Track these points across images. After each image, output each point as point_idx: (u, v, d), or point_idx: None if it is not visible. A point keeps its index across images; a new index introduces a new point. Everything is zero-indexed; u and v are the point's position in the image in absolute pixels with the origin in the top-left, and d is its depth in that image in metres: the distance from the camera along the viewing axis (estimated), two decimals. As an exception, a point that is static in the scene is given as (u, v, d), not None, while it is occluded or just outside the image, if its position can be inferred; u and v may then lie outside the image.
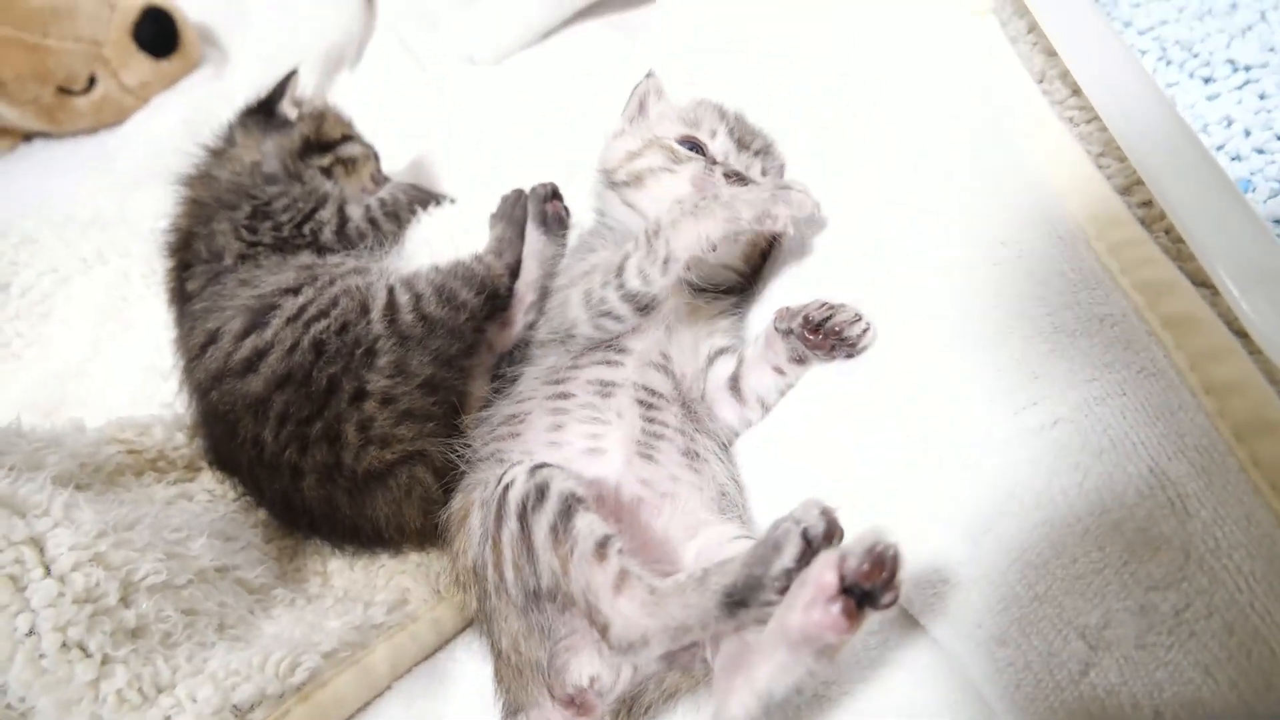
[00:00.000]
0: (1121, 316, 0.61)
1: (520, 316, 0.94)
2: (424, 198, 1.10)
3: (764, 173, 0.84)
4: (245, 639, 0.74)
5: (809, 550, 0.54)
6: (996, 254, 0.66)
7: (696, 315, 0.83)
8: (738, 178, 0.80)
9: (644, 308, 0.77)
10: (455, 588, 0.73)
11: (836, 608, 0.50)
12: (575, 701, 0.62)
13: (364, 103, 1.37)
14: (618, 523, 0.67)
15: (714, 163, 0.82)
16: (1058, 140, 0.71)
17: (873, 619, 0.51)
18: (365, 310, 0.84)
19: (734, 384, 0.79)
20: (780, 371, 0.76)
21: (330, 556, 0.87)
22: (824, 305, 0.69)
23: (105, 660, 0.65)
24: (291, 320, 0.84)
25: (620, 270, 0.77)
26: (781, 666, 0.53)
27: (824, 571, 0.51)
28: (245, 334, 0.84)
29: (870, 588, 0.50)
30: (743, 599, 0.55)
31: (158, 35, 1.50)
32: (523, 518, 0.63)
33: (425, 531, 0.82)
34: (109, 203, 1.23)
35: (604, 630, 0.59)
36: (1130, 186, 0.68)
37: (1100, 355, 0.60)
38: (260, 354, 0.82)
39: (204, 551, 0.76)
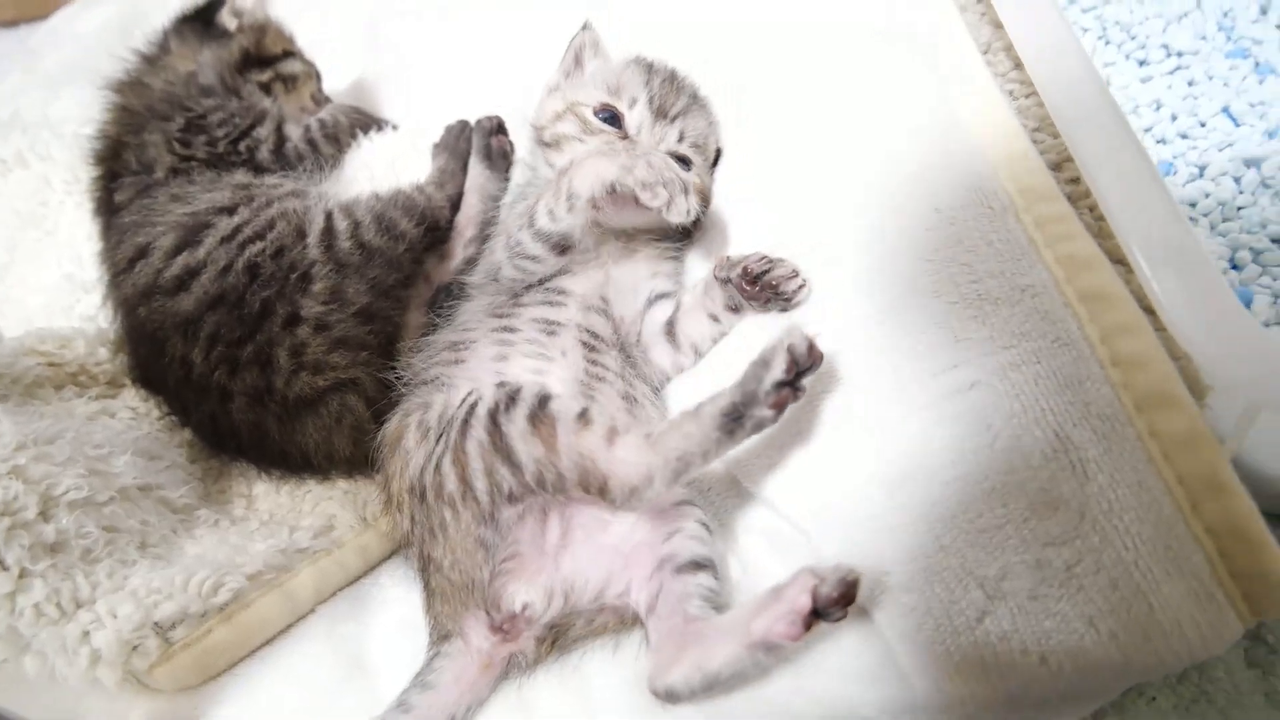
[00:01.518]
0: (1042, 288, 0.63)
1: (460, 250, 0.94)
2: (365, 121, 1.07)
3: (682, 137, 0.84)
4: (168, 558, 0.74)
5: (794, 365, 0.60)
6: (929, 219, 0.68)
7: (635, 258, 0.84)
8: None
9: (558, 246, 0.78)
10: (387, 510, 0.74)
11: (801, 623, 0.57)
12: (504, 627, 0.64)
13: (308, 12, 1.32)
14: None
15: (624, 137, 0.83)
16: (997, 112, 0.73)
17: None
18: (302, 235, 0.83)
19: (669, 329, 0.81)
20: (715, 319, 0.78)
21: (256, 480, 0.86)
22: (763, 258, 0.71)
23: (23, 574, 0.65)
24: (225, 240, 0.82)
25: (532, 211, 0.78)
26: (735, 657, 0.59)
27: (799, 595, 0.58)
28: (177, 251, 0.82)
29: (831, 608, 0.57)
30: (739, 414, 0.61)
31: (86, -75, 1.42)
32: (495, 421, 0.66)
33: (354, 460, 0.82)
34: (31, 103, 1.17)
35: (603, 487, 0.63)
36: (1061, 163, 0.70)
37: (1020, 324, 0.62)
38: (192, 273, 0.81)
39: (127, 469, 0.75)
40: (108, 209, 0.93)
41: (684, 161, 0.84)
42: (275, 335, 0.79)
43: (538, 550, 0.67)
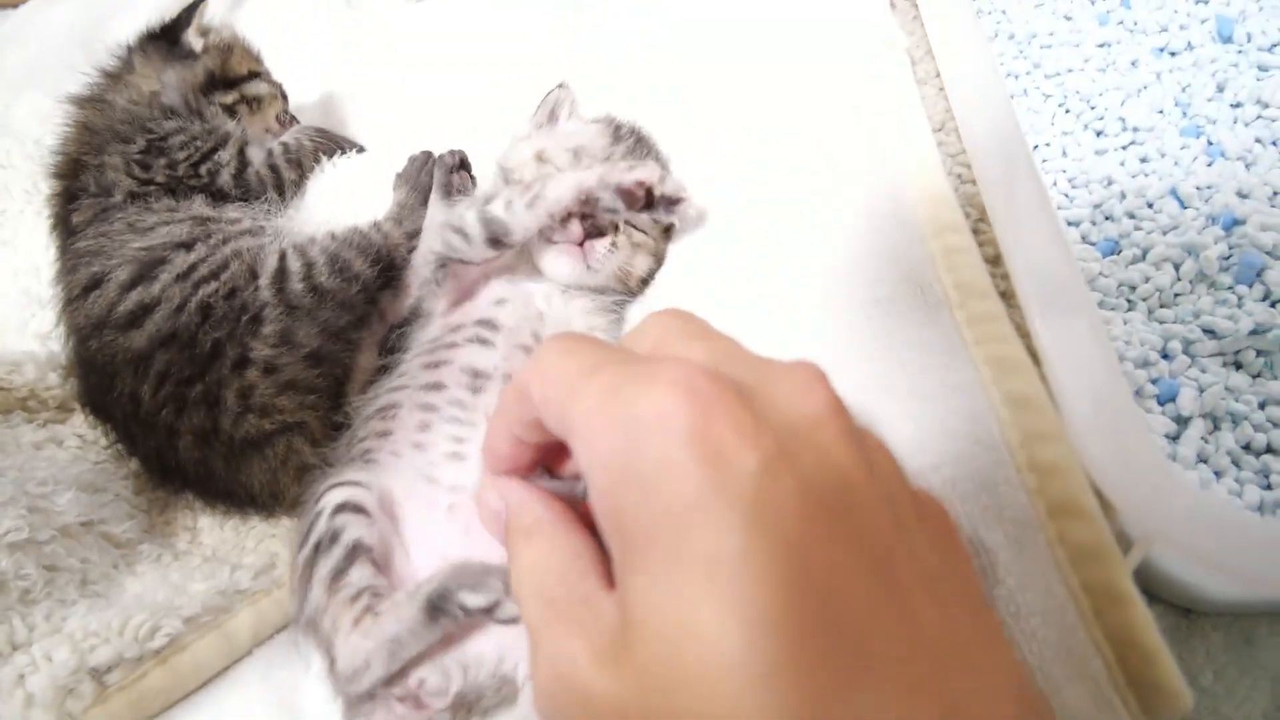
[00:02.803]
0: (969, 387, 0.65)
1: (415, 287, 0.95)
2: (329, 145, 1.07)
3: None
4: (107, 596, 0.75)
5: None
6: (870, 312, 0.70)
7: (571, 303, 0.85)
8: (592, 226, 0.84)
9: (495, 238, 0.80)
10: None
11: None
12: (408, 701, 0.66)
13: (277, 23, 1.32)
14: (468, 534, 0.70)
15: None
16: (941, 198, 0.74)
17: None
18: (254, 275, 0.83)
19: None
20: None
21: (201, 513, 0.87)
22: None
23: (-41, 617, 0.66)
24: (180, 278, 0.82)
25: (490, 198, 0.80)
26: None
27: None
28: (131, 285, 0.82)
29: None
30: (439, 607, 0.62)
31: (57, -84, 1.40)
32: (314, 561, 0.69)
33: (300, 500, 0.83)
34: (-9, 106, 1.16)
35: (332, 665, 0.65)
36: (997, 257, 0.72)
37: (944, 423, 0.65)
38: (145, 309, 0.81)
39: (70, 506, 0.76)
40: (64, 228, 0.93)
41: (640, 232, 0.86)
42: (224, 377, 0.80)
43: None
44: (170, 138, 0.95)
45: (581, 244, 0.83)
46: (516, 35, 1.25)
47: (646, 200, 0.79)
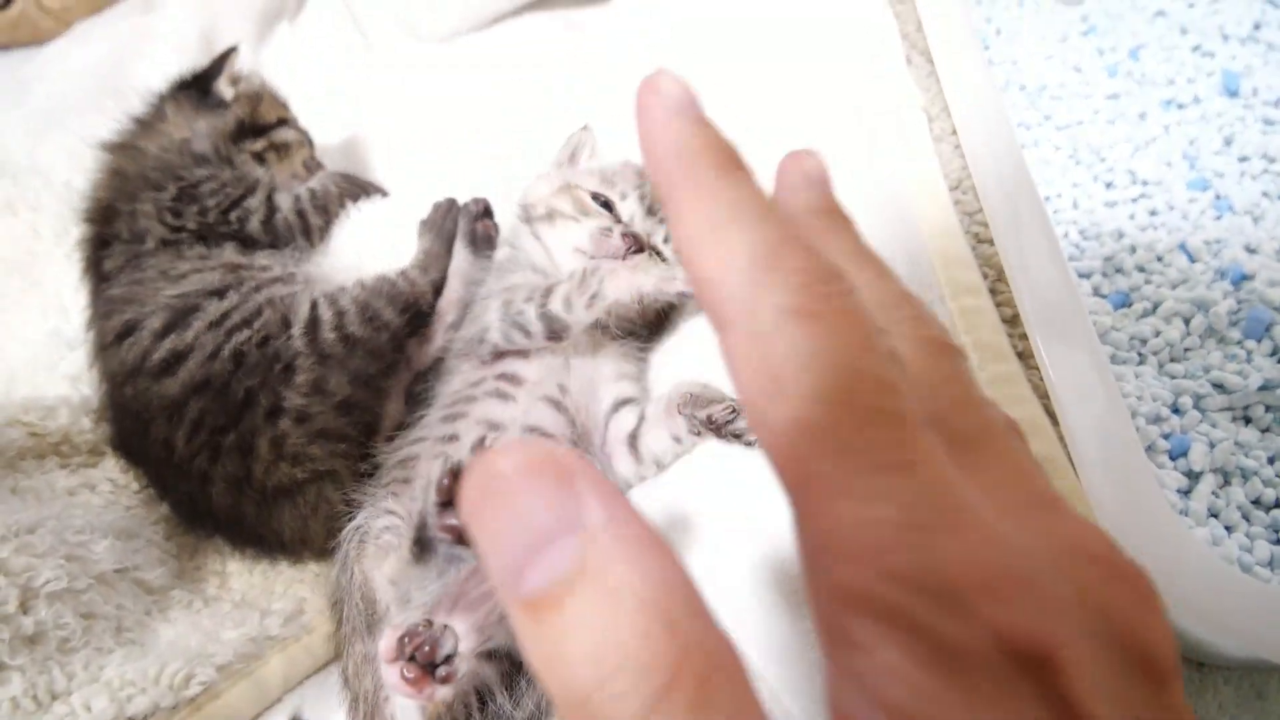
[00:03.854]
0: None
1: (440, 334, 0.97)
2: (355, 190, 1.09)
3: (667, 239, 0.88)
4: (142, 644, 0.77)
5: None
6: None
7: (599, 353, 0.87)
8: (634, 239, 0.86)
9: (555, 333, 0.82)
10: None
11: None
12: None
13: (300, 64, 1.34)
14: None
15: (618, 222, 0.87)
16: (958, 259, 0.76)
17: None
18: (287, 324, 0.85)
19: (633, 440, 0.83)
20: (678, 439, 0.80)
21: (230, 557, 0.89)
22: (728, 408, 0.74)
23: (1, 668, 0.67)
24: (214, 326, 0.84)
25: (548, 292, 0.81)
26: None
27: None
28: (165, 333, 0.84)
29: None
30: (420, 540, 0.62)
31: (84, -43, 1.42)
32: (349, 542, 0.72)
33: (328, 547, 0.85)
34: (19, 146, 1.17)
35: (374, 603, 0.67)
36: (1015, 318, 0.74)
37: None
38: (179, 356, 0.83)
39: (106, 554, 0.78)
40: (96, 273, 0.95)
41: (661, 259, 0.88)
42: (258, 425, 0.81)
43: None
44: (201, 185, 0.97)
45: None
46: (531, 73, 1.27)
47: None
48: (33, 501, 0.80)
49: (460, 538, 0.55)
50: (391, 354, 0.90)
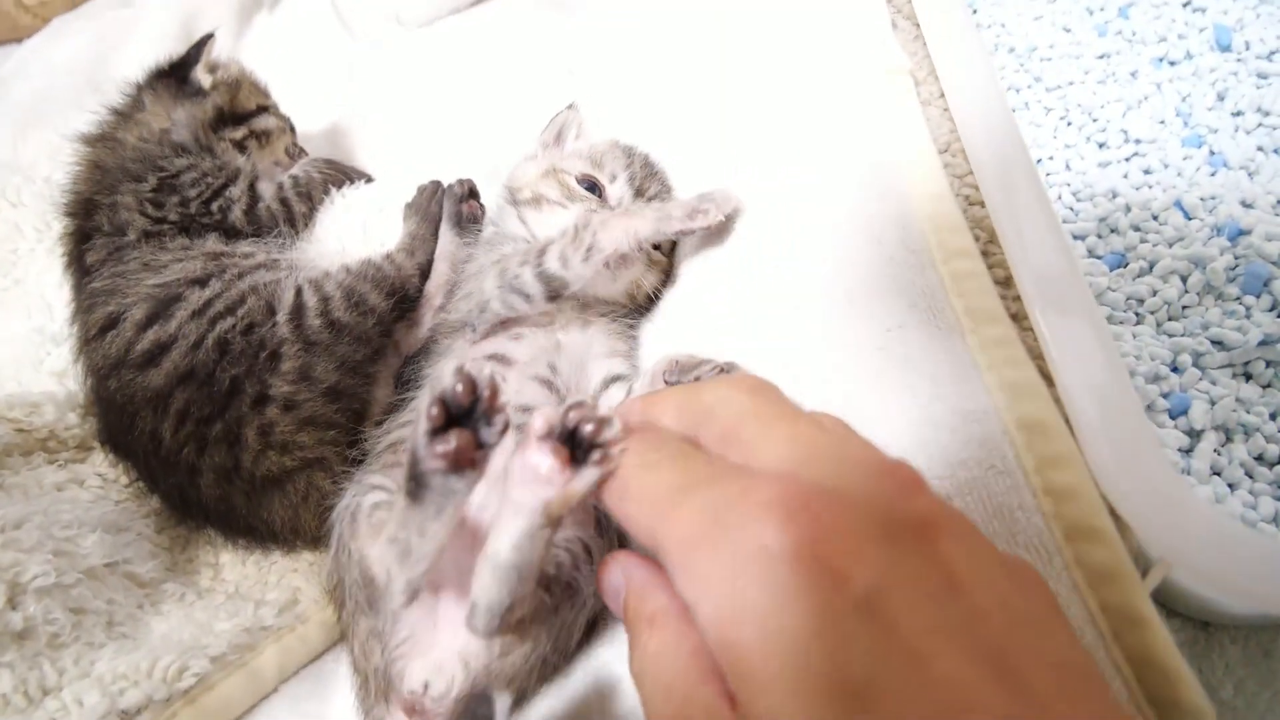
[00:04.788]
0: (983, 414, 0.66)
1: (428, 317, 0.95)
2: (338, 176, 1.08)
3: None
4: (134, 637, 0.76)
5: (448, 417, 0.51)
6: (880, 340, 0.71)
7: (590, 330, 0.86)
8: None
9: (555, 292, 0.81)
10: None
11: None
12: (414, 708, 0.66)
13: (281, 52, 1.33)
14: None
15: (605, 205, 0.85)
16: (949, 223, 0.75)
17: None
18: (271, 311, 0.84)
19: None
20: None
21: (223, 549, 0.88)
22: (716, 368, 0.73)
23: (-10, 665, 0.67)
24: (196, 315, 0.83)
25: (542, 251, 0.80)
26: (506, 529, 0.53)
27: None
28: (148, 324, 0.83)
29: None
30: (416, 475, 0.54)
31: (61, -49, 1.41)
32: (340, 523, 0.69)
33: (320, 535, 0.84)
34: (0, 143, 1.16)
35: (370, 582, 0.64)
36: (1007, 279, 0.73)
37: (959, 451, 0.65)
38: (163, 347, 0.82)
39: (94, 548, 0.77)
40: (79, 267, 0.94)
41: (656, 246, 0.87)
42: (244, 414, 0.80)
43: (429, 628, 0.68)
44: (182, 175, 0.95)
45: None
46: (515, 53, 1.26)
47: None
48: (20, 497, 0.79)
49: (454, 464, 0.52)
50: (379, 339, 0.89)
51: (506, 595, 0.57)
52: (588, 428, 0.46)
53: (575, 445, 0.47)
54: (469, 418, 0.52)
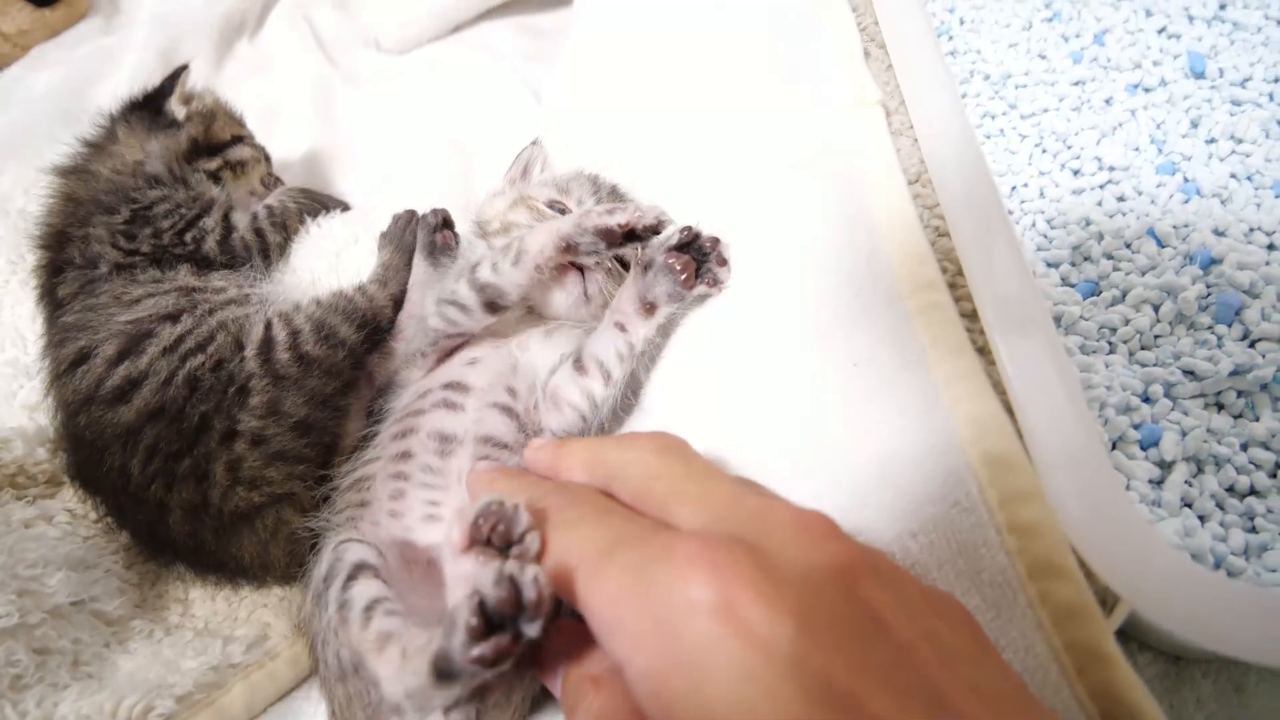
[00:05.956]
0: (948, 449, 0.66)
1: (402, 348, 0.95)
2: (314, 206, 1.08)
3: None
4: (100, 677, 0.75)
5: (486, 624, 0.49)
6: (847, 373, 0.70)
7: (546, 348, 0.85)
8: None
9: (492, 302, 0.80)
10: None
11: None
12: None
13: (261, 79, 1.33)
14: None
15: None
16: (917, 254, 0.75)
17: None
18: (240, 346, 0.84)
19: (577, 362, 0.79)
20: (622, 327, 0.76)
21: (192, 584, 0.88)
22: (688, 228, 0.74)
23: (-50, 709, 0.66)
24: (167, 351, 0.83)
25: (476, 265, 0.81)
26: None
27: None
28: (118, 360, 0.83)
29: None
30: (446, 672, 0.52)
31: (41, -18, 1.41)
32: (324, 596, 0.67)
33: (289, 570, 0.83)
34: (-26, 174, 1.17)
35: (377, 687, 0.61)
36: (974, 311, 0.73)
37: (924, 487, 0.65)
38: (133, 383, 0.82)
39: (60, 587, 0.76)
40: (51, 300, 0.94)
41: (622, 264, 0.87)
42: (212, 450, 0.80)
43: None
44: (155, 206, 0.95)
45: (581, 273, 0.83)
46: (490, 82, 1.26)
47: (626, 236, 0.78)
48: (-16, 536, 0.78)
49: (492, 665, 0.48)
50: (350, 371, 0.88)
51: None
52: (500, 528, 0.46)
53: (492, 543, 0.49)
54: (513, 621, 0.48)
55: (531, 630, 0.47)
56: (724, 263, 0.75)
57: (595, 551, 0.39)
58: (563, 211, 0.89)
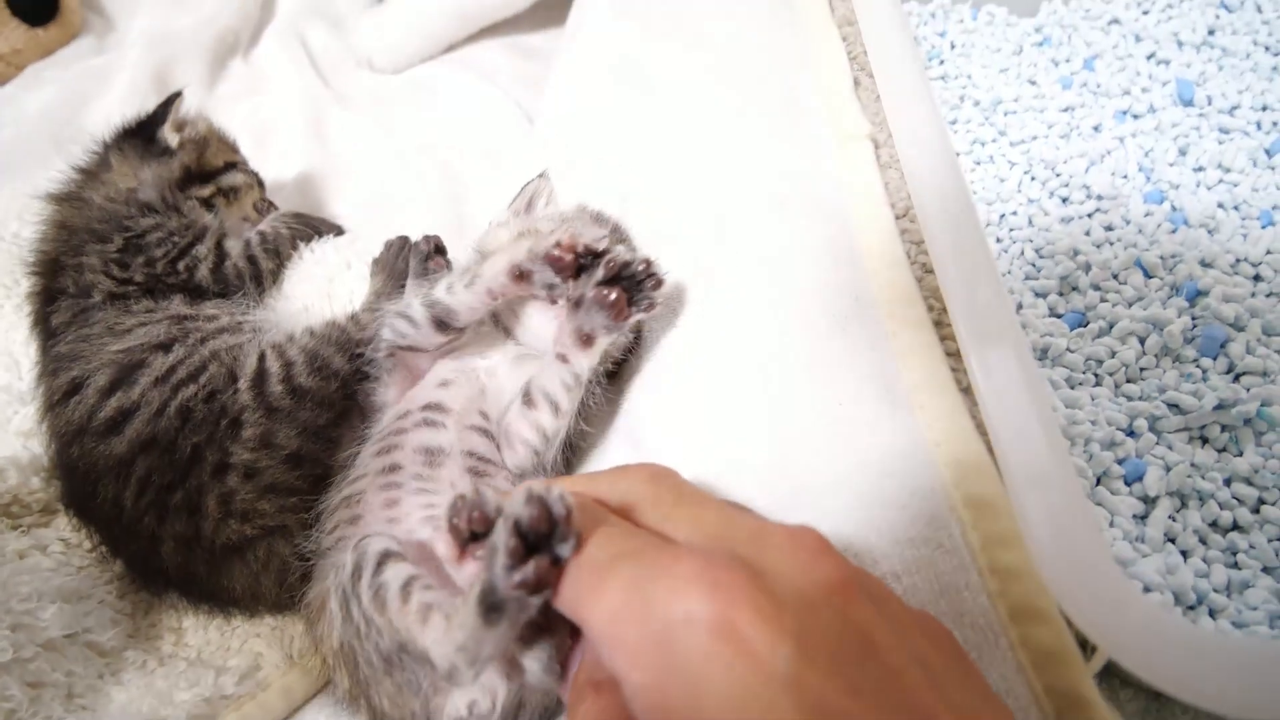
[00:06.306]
0: (931, 491, 0.66)
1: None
2: (307, 231, 1.08)
3: None
4: (94, 709, 0.76)
5: (523, 544, 0.50)
6: (834, 413, 0.71)
7: (516, 374, 0.85)
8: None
9: (440, 320, 0.81)
10: (327, 670, 0.75)
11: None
12: None
13: (253, 98, 1.33)
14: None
15: None
16: (903, 294, 0.76)
17: None
18: (233, 378, 0.84)
19: (526, 397, 0.79)
20: (564, 359, 0.76)
21: (185, 613, 0.88)
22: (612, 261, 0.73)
23: (-57, 746, 0.67)
24: (159, 382, 0.83)
25: (434, 284, 0.82)
26: None
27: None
28: (110, 391, 0.83)
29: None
30: (494, 604, 0.53)
31: (35, 2, 1.41)
32: (356, 589, 0.66)
33: (281, 600, 0.84)
34: (-32, 200, 1.17)
35: (430, 664, 0.61)
36: (958, 352, 0.73)
37: (908, 529, 0.66)
38: (125, 414, 0.82)
39: (54, 620, 0.77)
40: (44, 329, 0.94)
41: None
42: (205, 483, 0.81)
43: None
44: (148, 235, 0.96)
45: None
46: (481, 91, 1.26)
47: (580, 266, 0.78)
48: (-22, 570, 0.79)
49: (535, 589, 0.48)
50: (342, 401, 0.89)
51: None
52: (475, 514, 0.51)
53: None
54: (546, 541, 0.51)
55: (565, 550, 0.48)
56: (659, 284, 0.75)
57: (595, 565, 0.40)
58: None
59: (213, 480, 0.81)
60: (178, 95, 1.04)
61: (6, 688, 0.71)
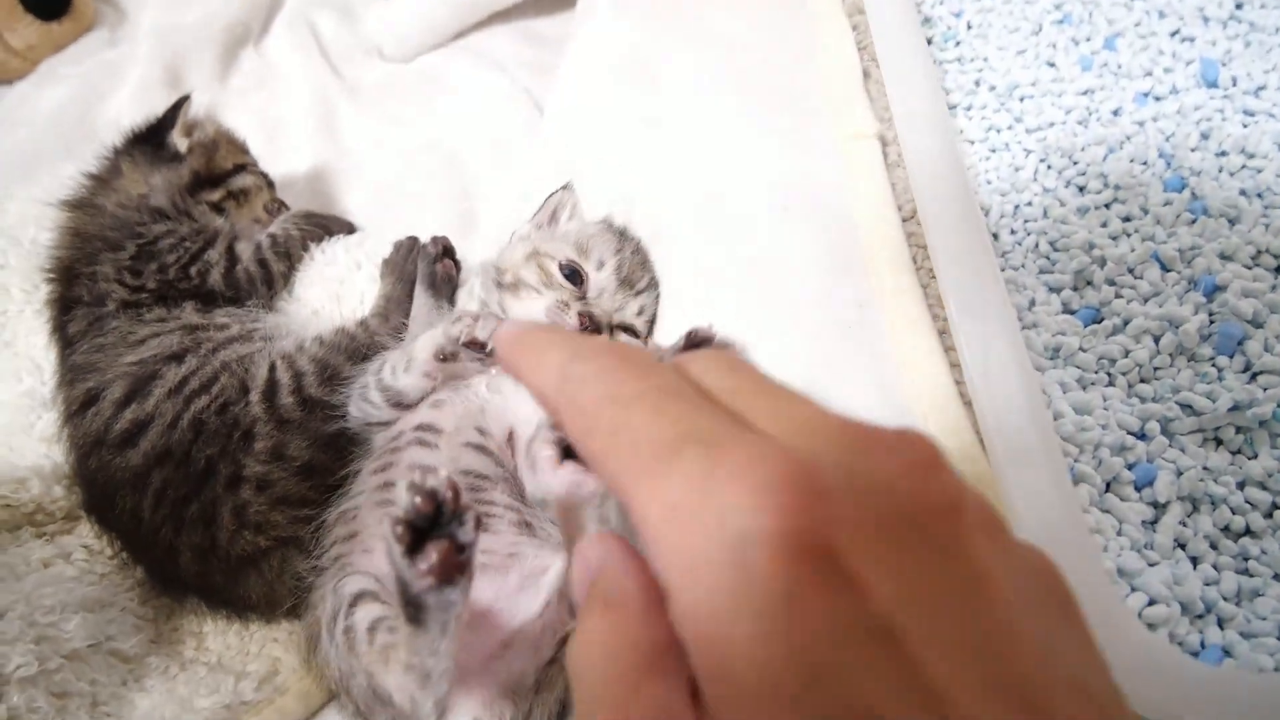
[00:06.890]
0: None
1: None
2: (317, 231, 1.09)
3: (640, 312, 0.87)
4: (118, 715, 0.79)
5: (416, 532, 0.51)
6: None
7: (517, 388, 0.85)
8: (589, 319, 0.84)
9: (394, 400, 0.83)
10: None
11: None
12: None
13: (264, 91, 1.33)
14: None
15: (582, 298, 0.85)
16: (909, 311, 0.75)
17: None
18: (245, 390, 0.86)
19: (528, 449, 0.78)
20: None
21: (206, 618, 0.90)
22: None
23: (-27, 758, 0.70)
24: (173, 393, 0.85)
25: (381, 363, 0.84)
26: None
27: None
28: (125, 403, 0.85)
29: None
30: (411, 601, 0.54)
31: (48, -3, 1.41)
32: (333, 632, 0.69)
33: (296, 608, 0.86)
34: (-14, 200, 1.18)
35: (393, 705, 0.63)
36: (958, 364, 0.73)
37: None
38: (140, 426, 0.84)
39: (78, 630, 0.79)
40: (62, 336, 0.96)
41: (633, 333, 0.87)
42: (219, 495, 0.82)
43: (467, 667, 0.69)
44: (160, 241, 0.97)
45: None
46: (491, 79, 1.25)
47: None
48: (7, 575, 0.81)
49: (443, 577, 0.50)
50: (352, 409, 0.90)
51: None
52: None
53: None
54: (440, 527, 0.52)
55: (463, 534, 0.50)
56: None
57: (656, 441, 0.30)
58: (575, 274, 0.88)
59: (227, 492, 0.83)
60: (186, 99, 1.05)
61: (34, 700, 0.73)
